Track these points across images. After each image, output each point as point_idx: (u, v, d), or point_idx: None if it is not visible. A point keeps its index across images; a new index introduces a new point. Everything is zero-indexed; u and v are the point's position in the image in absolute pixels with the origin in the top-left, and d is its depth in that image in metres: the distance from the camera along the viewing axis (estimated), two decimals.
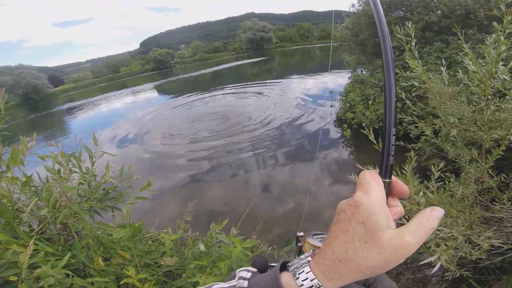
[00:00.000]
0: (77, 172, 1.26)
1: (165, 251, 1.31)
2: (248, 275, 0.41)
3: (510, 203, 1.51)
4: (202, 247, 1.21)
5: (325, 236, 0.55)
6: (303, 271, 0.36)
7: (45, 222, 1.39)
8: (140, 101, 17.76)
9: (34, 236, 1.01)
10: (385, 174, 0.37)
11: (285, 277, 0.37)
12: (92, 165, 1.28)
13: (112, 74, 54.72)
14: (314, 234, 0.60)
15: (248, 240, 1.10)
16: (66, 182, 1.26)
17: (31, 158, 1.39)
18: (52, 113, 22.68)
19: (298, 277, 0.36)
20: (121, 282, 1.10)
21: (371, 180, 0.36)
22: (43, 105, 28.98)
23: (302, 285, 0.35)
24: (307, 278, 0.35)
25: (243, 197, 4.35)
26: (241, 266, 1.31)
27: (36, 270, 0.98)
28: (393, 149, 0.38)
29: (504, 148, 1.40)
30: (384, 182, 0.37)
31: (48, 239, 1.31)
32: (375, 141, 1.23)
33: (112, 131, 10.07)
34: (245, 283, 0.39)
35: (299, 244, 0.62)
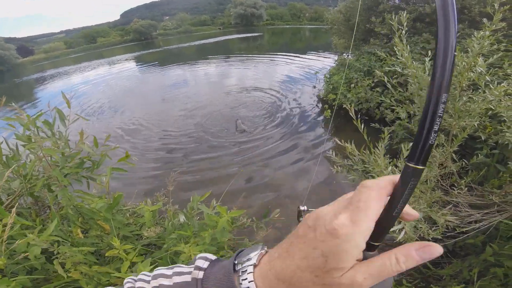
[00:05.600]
0: (49, 138, 1.19)
1: (144, 223, 1.31)
2: (205, 264, 0.36)
3: (466, 189, 1.68)
4: (182, 218, 1.24)
5: None
6: (246, 278, 0.32)
7: (15, 195, 1.32)
8: (115, 72, 16.80)
9: (14, 209, 0.95)
10: (419, 158, 0.26)
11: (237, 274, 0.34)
12: (66, 131, 1.21)
13: (87, 45, 50.45)
14: None
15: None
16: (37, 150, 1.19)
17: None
18: (20, 83, 20.93)
19: (241, 283, 0.32)
20: (107, 254, 1.07)
21: (371, 202, 0.27)
22: (10, 76, 26.69)
23: None
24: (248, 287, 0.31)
25: (227, 170, 4.48)
26: (226, 238, 1.36)
27: (16, 242, 0.94)
28: (439, 123, 0.26)
29: (469, 132, 1.52)
30: (411, 169, 0.26)
31: (18, 214, 1.25)
32: (354, 117, 1.29)
33: (81, 101, 9.61)
34: (201, 274, 0.35)
35: (301, 220, 0.50)
